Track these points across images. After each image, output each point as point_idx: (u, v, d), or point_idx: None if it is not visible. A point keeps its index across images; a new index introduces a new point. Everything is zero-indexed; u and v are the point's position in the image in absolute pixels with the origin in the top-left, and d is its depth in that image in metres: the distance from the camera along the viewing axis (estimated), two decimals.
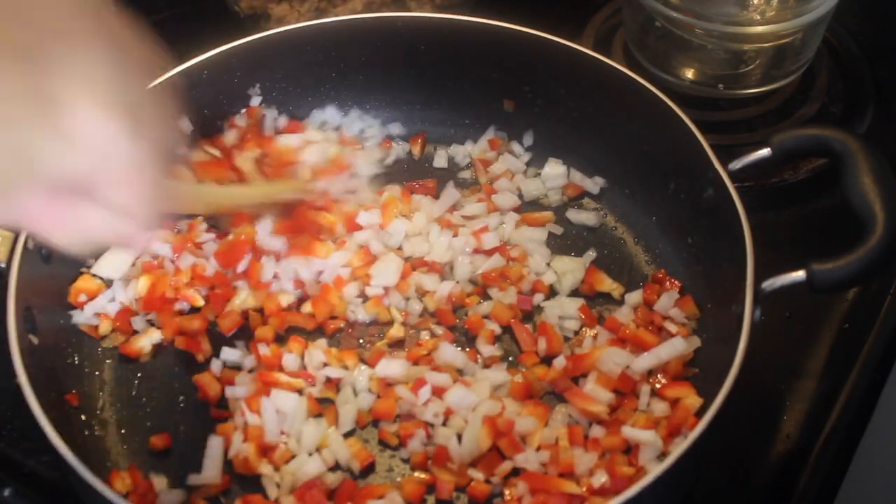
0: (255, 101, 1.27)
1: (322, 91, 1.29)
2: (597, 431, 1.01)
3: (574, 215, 1.23)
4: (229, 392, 1.06)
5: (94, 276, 1.14)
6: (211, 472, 1.00)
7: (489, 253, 1.17)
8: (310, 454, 1.02)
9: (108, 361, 1.10)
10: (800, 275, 0.94)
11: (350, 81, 1.28)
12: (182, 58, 1.18)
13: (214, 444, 1.02)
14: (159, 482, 1.00)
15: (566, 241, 1.21)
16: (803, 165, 1.26)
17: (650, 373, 1.05)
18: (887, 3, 1.45)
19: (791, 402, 1.09)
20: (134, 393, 1.08)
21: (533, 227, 1.21)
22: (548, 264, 1.18)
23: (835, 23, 1.34)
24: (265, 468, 1.00)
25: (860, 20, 1.42)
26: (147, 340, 1.10)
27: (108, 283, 1.14)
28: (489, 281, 1.15)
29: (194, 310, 1.13)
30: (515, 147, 1.28)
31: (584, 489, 0.96)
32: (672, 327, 1.08)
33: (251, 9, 1.37)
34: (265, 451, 1.02)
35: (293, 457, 1.02)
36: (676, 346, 1.05)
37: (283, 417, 1.03)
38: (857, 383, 1.09)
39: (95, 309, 1.11)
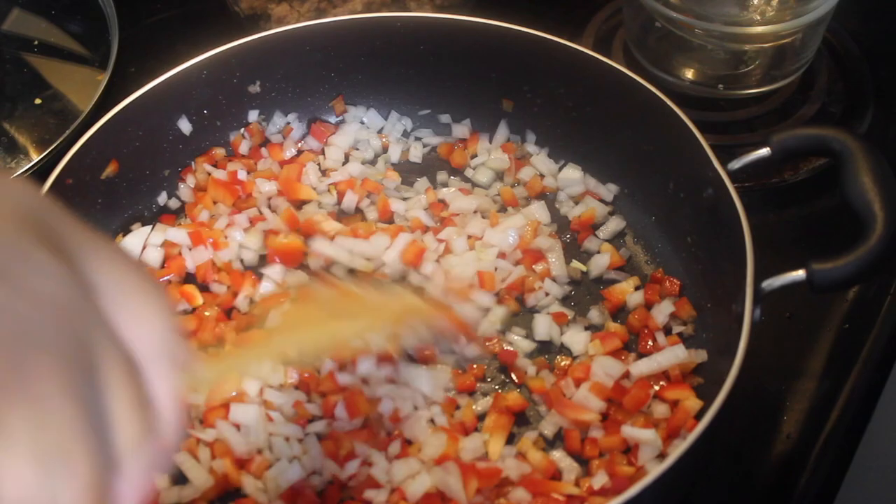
0: (253, 115, 1.27)
1: (322, 91, 1.29)
2: (596, 432, 1.01)
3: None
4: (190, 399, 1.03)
5: None
6: (199, 481, 0.99)
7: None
8: (289, 460, 0.99)
9: None
10: (800, 274, 0.94)
11: (350, 82, 1.28)
12: (182, 58, 1.18)
13: (183, 459, 1.00)
14: (160, 481, 0.99)
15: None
16: (803, 165, 1.25)
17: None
18: (887, 3, 1.45)
19: (791, 402, 1.09)
20: None
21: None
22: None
23: (835, 23, 1.34)
24: (247, 480, 0.98)
25: (860, 20, 1.42)
26: None
27: None
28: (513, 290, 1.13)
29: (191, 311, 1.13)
30: (530, 148, 1.27)
31: (584, 490, 0.96)
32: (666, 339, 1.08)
33: (251, 9, 1.37)
34: (242, 463, 0.99)
35: (271, 465, 1.00)
36: (677, 354, 1.04)
37: (247, 430, 1.01)
38: (857, 383, 1.08)
39: None
